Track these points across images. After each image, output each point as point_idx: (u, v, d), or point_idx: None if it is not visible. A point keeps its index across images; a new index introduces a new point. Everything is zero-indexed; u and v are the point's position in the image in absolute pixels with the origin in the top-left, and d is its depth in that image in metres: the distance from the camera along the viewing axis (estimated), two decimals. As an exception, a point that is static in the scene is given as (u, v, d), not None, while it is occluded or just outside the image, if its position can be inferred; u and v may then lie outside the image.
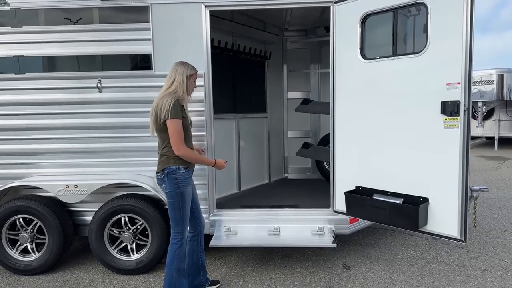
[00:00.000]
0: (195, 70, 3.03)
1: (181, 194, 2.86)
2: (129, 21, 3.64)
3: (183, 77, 2.91)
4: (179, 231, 2.92)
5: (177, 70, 2.93)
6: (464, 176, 2.78)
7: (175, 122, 2.77)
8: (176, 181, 2.85)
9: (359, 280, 3.51)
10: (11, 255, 3.70)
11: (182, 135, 2.81)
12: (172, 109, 2.76)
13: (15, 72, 3.72)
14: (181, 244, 2.94)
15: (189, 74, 2.95)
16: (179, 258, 2.94)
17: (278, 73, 5.85)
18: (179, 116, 2.79)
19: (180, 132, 2.80)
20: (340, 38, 3.41)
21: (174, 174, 2.84)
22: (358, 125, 3.34)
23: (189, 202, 2.94)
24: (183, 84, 2.90)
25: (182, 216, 2.91)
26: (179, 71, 2.93)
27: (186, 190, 2.89)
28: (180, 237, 2.93)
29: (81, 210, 3.82)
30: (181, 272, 2.96)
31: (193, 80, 3.02)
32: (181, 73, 2.92)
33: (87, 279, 3.62)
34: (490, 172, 8.77)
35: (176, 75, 2.91)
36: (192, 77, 3.00)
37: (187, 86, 2.94)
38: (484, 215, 5.41)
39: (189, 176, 2.93)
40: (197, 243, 3.23)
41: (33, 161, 3.79)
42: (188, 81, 2.95)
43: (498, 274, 3.58)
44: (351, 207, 3.37)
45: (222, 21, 4.63)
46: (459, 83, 2.73)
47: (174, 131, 2.78)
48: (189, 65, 3.00)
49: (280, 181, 5.85)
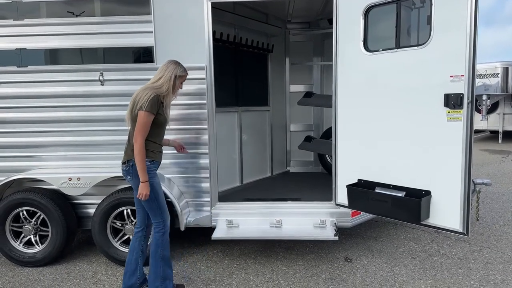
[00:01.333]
0: (186, 73, 3.07)
1: (151, 185, 2.85)
2: (131, 13, 3.63)
3: (171, 76, 2.92)
4: (159, 220, 2.95)
5: (168, 67, 2.96)
6: (466, 169, 2.77)
7: (146, 114, 2.77)
8: None
9: (361, 272, 3.52)
10: (15, 247, 3.73)
11: (147, 129, 2.80)
12: (150, 102, 2.77)
13: (18, 65, 3.72)
14: (164, 232, 2.98)
15: (179, 74, 2.97)
16: (163, 246, 2.98)
17: (280, 66, 5.82)
18: (153, 110, 2.79)
19: (146, 125, 2.79)
20: (343, 31, 3.39)
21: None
22: (361, 118, 3.32)
23: (161, 191, 2.96)
24: (169, 82, 2.91)
25: (158, 205, 2.93)
26: (170, 68, 2.95)
27: (154, 180, 2.90)
28: (162, 226, 2.97)
29: (84, 203, 3.85)
30: (166, 261, 3.00)
31: (181, 82, 3.04)
32: (171, 72, 2.93)
33: (90, 271, 3.65)
34: (493, 166, 8.73)
35: (166, 72, 2.93)
36: (181, 78, 3.02)
37: (174, 86, 2.95)
38: (487, 209, 5.40)
39: (154, 169, 2.91)
40: (142, 240, 3.09)
41: (36, 154, 3.81)
42: (176, 81, 2.96)
43: (500, 268, 3.58)
44: (353, 200, 3.37)
45: (224, 13, 4.60)
46: (462, 76, 2.71)
47: (142, 123, 2.77)
48: (182, 66, 3.03)
49: (282, 174, 5.85)
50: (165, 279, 2.99)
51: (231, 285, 3.34)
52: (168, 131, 3.46)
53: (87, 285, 3.38)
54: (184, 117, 3.68)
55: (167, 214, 3.00)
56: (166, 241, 3.00)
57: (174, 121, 3.65)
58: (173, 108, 3.61)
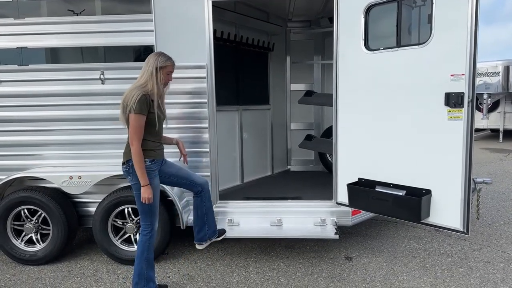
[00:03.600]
0: (170, 62, 2.89)
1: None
2: (132, 12, 3.63)
3: (152, 70, 2.79)
4: (148, 223, 2.93)
5: (148, 62, 2.84)
6: (467, 168, 2.77)
7: (137, 117, 2.73)
8: None
9: (361, 271, 3.52)
10: (16, 245, 3.74)
11: (141, 131, 2.77)
12: (137, 104, 2.71)
13: (18, 64, 3.72)
14: (150, 236, 2.96)
15: (160, 66, 2.82)
16: (149, 250, 2.97)
17: (281, 65, 5.82)
18: (143, 111, 2.74)
19: (139, 128, 2.75)
20: (343, 29, 3.38)
21: None
22: (361, 117, 3.32)
23: (157, 194, 2.93)
24: (152, 78, 2.79)
25: (151, 208, 2.90)
26: (150, 63, 2.83)
27: (153, 181, 2.86)
28: (149, 229, 2.95)
29: (85, 201, 3.85)
30: (150, 264, 3.00)
31: (165, 73, 2.88)
32: (151, 65, 2.81)
33: (91, 269, 3.66)
34: (494, 165, 8.73)
35: (147, 67, 2.82)
36: (165, 69, 2.86)
37: (157, 80, 2.81)
38: (488, 207, 5.40)
39: (155, 168, 2.91)
40: (200, 199, 3.30)
41: (37, 152, 3.82)
42: (159, 73, 2.82)
43: (501, 266, 3.58)
44: (354, 199, 3.37)
45: (224, 12, 4.60)
46: (463, 74, 2.71)
47: (134, 126, 2.74)
48: (163, 56, 2.87)
49: (283, 173, 5.86)
50: (149, 280, 3.00)
51: (231, 283, 3.34)
52: (169, 129, 3.48)
53: (88, 283, 3.39)
54: (185, 115, 3.69)
55: (156, 218, 2.98)
56: (152, 244, 2.99)
57: (175, 120, 3.66)
58: (173, 107, 3.63)
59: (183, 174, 3.20)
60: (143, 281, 2.98)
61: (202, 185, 3.28)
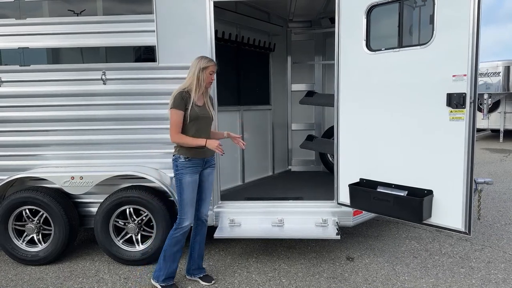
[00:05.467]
0: (211, 62, 3.09)
1: (179, 181, 3.05)
2: (133, 12, 3.63)
3: (195, 70, 3.02)
4: (179, 216, 3.10)
5: (192, 66, 3.09)
6: (469, 168, 2.77)
7: (173, 112, 2.97)
8: (177, 168, 3.06)
9: (363, 271, 3.53)
10: (18, 245, 3.74)
11: (178, 126, 2.98)
12: (173, 100, 2.97)
13: (20, 64, 3.72)
14: (176, 228, 3.11)
15: (203, 66, 3.03)
16: (171, 241, 3.12)
17: (282, 65, 5.82)
18: (180, 107, 2.96)
19: (176, 122, 2.97)
20: (345, 30, 3.38)
21: (176, 161, 3.07)
22: (363, 117, 3.32)
23: (189, 191, 3.06)
24: (194, 77, 3.01)
25: (182, 203, 3.07)
26: (193, 65, 3.06)
27: (184, 178, 3.04)
28: (178, 221, 3.11)
29: (86, 202, 3.85)
30: (168, 256, 3.13)
31: (208, 73, 3.07)
32: (195, 67, 3.04)
33: (93, 269, 3.66)
34: (495, 165, 8.73)
35: (191, 69, 3.07)
36: (207, 69, 3.06)
37: (199, 79, 3.01)
38: (489, 208, 5.40)
39: (190, 165, 3.06)
40: (194, 230, 3.33)
41: (39, 152, 3.82)
42: (201, 73, 3.02)
43: (502, 267, 3.58)
44: (355, 199, 3.37)
45: (226, 12, 4.60)
46: (465, 75, 2.71)
47: (171, 120, 2.98)
48: (205, 58, 3.09)
49: (284, 173, 5.86)
50: (161, 270, 3.16)
51: (233, 283, 3.35)
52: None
53: (89, 284, 3.39)
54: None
55: (185, 215, 3.08)
56: (175, 238, 3.10)
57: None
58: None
59: (201, 196, 3.24)
60: (160, 270, 3.15)
61: (200, 218, 3.28)
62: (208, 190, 3.27)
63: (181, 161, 3.03)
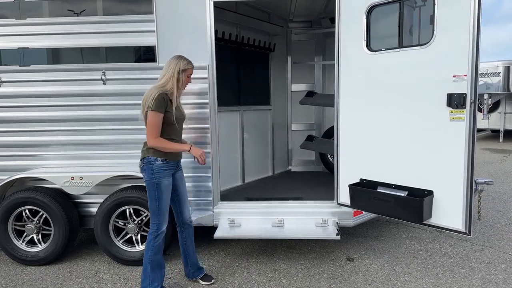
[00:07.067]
0: (191, 65, 3.02)
1: (157, 184, 2.90)
2: (133, 12, 3.63)
3: (174, 72, 2.91)
4: (155, 222, 2.96)
5: (170, 64, 2.95)
6: (469, 169, 2.77)
7: (154, 114, 2.82)
8: (153, 171, 2.90)
9: (363, 272, 3.52)
10: (18, 245, 3.74)
11: (158, 129, 2.85)
12: (154, 101, 2.81)
13: (20, 64, 3.72)
14: (156, 235, 2.97)
15: (182, 69, 2.94)
16: (153, 250, 2.97)
17: (282, 65, 5.82)
18: (160, 109, 2.83)
19: (156, 125, 2.84)
20: (345, 30, 3.38)
21: (151, 165, 2.90)
22: (363, 117, 3.32)
23: (167, 194, 2.96)
24: (173, 79, 2.90)
25: (159, 208, 2.93)
26: (171, 65, 2.94)
27: (162, 181, 2.91)
28: (155, 229, 2.96)
29: (86, 202, 3.85)
30: (154, 265, 3.00)
31: (186, 75, 3.01)
32: (174, 67, 2.92)
33: (92, 270, 3.66)
34: (495, 165, 8.72)
35: (169, 69, 2.94)
36: (186, 72, 2.99)
37: (178, 81, 2.93)
38: (489, 208, 5.40)
39: (167, 168, 2.95)
40: (181, 235, 3.26)
41: (39, 153, 3.82)
42: (180, 76, 2.94)
43: (502, 267, 3.58)
44: (355, 200, 3.37)
45: (226, 13, 4.60)
46: (465, 75, 2.70)
47: (151, 123, 2.84)
48: (184, 59, 2.99)
49: (284, 173, 5.85)
50: (153, 281, 3.01)
51: (233, 284, 3.34)
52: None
53: (89, 284, 3.39)
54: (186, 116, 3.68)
55: (164, 220, 2.98)
56: (157, 245, 2.99)
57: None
58: (175, 108, 3.62)
59: (181, 199, 3.19)
60: (147, 280, 3.00)
61: (185, 222, 3.23)
62: (185, 192, 3.22)
63: (158, 164, 2.89)
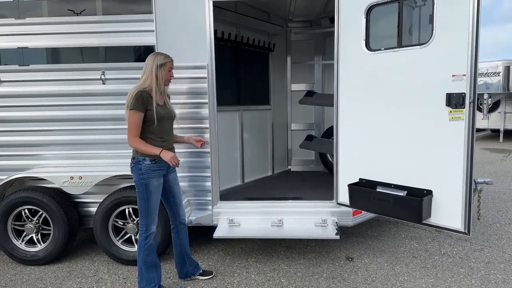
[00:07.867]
0: (168, 59, 2.97)
1: (145, 185, 2.87)
2: (133, 12, 3.63)
3: (152, 68, 2.88)
4: (143, 223, 2.94)
5: (147, 62, 2.93)
6: (468, 168, 2.77)
7: (133, 113, 2.80)
8: (141, 171, 2.87)
9: (362, 271, 3.52)
10: (17, 245, 3.74)
11: (136, 127, 2.81)
12: (133, 100, 2.78)
13: (19, 64, 3.72)
14: (146, 236, 2.95)
15: (160, 63, 2.90)
16: (145, 251, 2.96)
17: (282, 65, 5.82)
18: (138, 108, 2.79)
19: (134, 124, 2.81)
20: (344, 29, 3.38)
21: (139, 165, 2.88)
22: (362, 117, 3.32)
23: (156, 195, 2.93)
24: (151, 75, 2.87)
25: (147, 208, 2.90)
26: (149, 62, 2.91)
27: (151, 182, 2.88)
28: (144, 229, 2.94)
29: (85, 201, 3.85)
30: (149, 265, 2.99)
31: (167, 69, 2.96)
32: (151, 64, 2.89)
33: (92, 269, 3.66)
34: (494, 165, 8.72)
35: (146, 66, 2.92)
36: (165, 66, 2.94)
37: (157, 77, 2.89)
38: (488, 208, 5.40)
39: (156, 168, 2.91)
40: (177, 235, 3.26)
41: (38, 152, 3.82)
42: (159, 71, 2.89)
43: (501, 267, 3.58)
44: (355, 200, 3.37)
45: (225, 12, 4.60)
46: (464, 75, 2.70)
47: (129, 122, 2.81)
48: (161, 55, 2.95)
49: (284, 173, 5.85)
50: (150, 281, 3.00)
51: (232, 284, 3.34)
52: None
53: (88, 284, 3.39)
54: (186, 116, 3.68)
55: (153, 220, 2.96)
56: (149, 245, 2.97)
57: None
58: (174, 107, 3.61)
59: (176, 200, 3.20)
60: (144, 281, 2.99)
61: (181, 221, 3.25)
62: (179, 193, 3.21)
63: (146, 164, 2.86)
